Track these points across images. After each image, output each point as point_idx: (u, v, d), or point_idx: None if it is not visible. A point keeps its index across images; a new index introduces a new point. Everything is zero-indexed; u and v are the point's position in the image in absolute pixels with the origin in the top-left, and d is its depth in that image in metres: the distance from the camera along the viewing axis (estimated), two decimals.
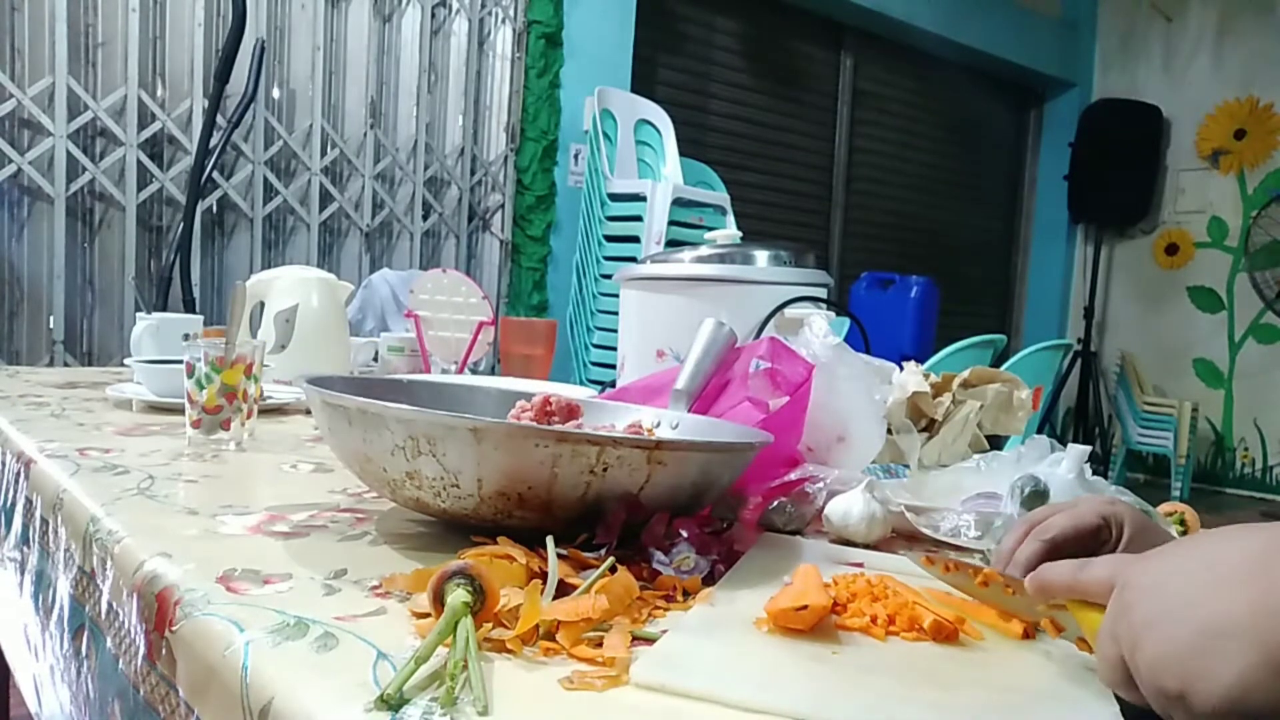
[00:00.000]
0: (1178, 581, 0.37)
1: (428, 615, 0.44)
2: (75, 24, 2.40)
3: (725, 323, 0.86)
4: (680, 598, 0.52)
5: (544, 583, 0.48)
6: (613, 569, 0.49)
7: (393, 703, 0.36)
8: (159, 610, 0.49)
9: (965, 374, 1.00)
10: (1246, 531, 0.37)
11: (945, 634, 0.48)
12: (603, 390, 1.13)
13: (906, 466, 0.88)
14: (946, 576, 0.53)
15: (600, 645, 0.43)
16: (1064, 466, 0.72)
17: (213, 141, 2.43)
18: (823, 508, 0.69)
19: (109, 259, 2.53)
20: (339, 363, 1.51)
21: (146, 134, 2.50)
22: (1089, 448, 0.73)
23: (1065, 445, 0.73)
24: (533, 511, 0.55)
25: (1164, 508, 0.74)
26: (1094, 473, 0.73)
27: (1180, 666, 0.35)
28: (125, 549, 0.57)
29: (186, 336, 1.43)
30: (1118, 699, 0.41)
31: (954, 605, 0.51)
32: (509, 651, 0.43)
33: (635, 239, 2.70)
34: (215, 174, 2.58)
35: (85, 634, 0.63)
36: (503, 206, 3.21)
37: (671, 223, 2.67)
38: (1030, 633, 0.49)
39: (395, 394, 0.69)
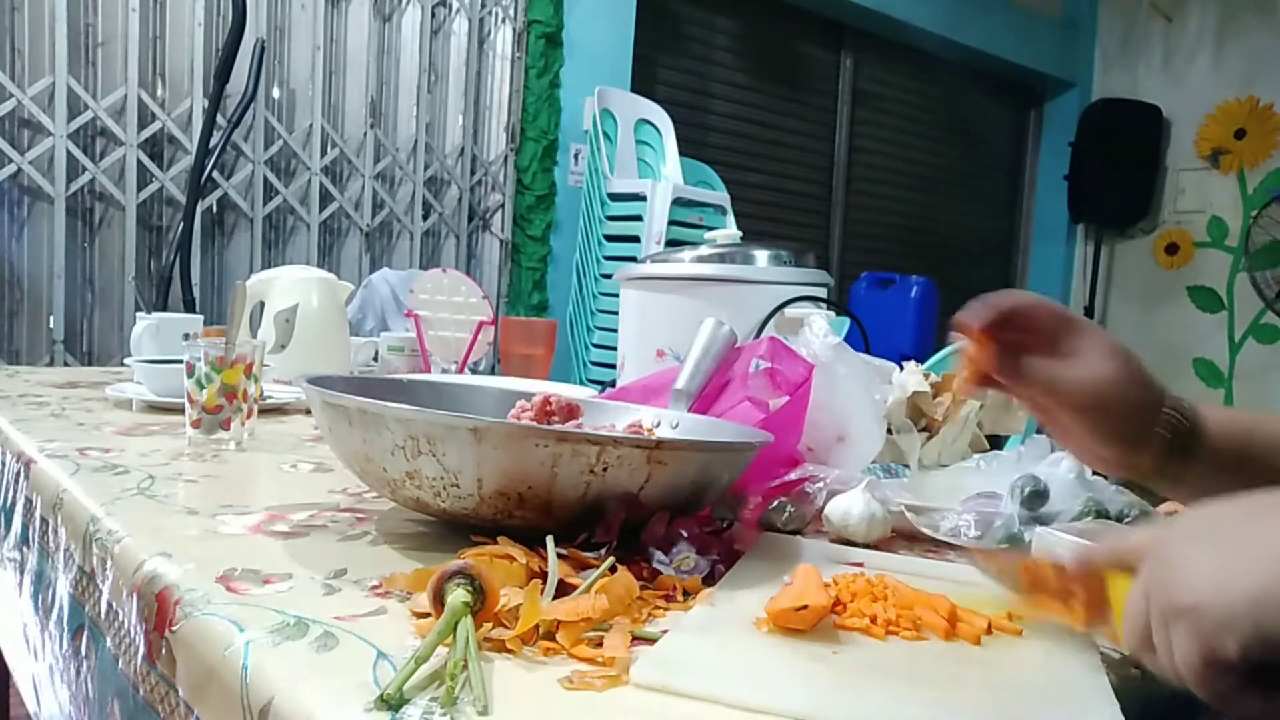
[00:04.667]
0: (1211, 520, 0.38)
1: (428, 615, 0.44)
2: (75, 24, 2.40)
3: (725, 323, 0.86)
4: (680, 598, 0.52)
5: (544, 583, 0.48)
6: (613, 569, 0.49)
7: (393, 703, 0.36)
8: (159, 610, 0.49)
9: None
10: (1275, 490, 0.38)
11: (945, 634, 0.48)
12: (603, 390, 1.13)
13: (906, 466, 0.88)
14: (997, 574, 0.52)
15: (600, 645, 0.43)
16: (1064, 466, 0.72)
17: (213, 141, 2.43)
18: (823, 508, 0.69)
19: (109, 259, 2.53)
20: (339, 363, 1.51)
21: (146, 134, 2.50)
22: None
23: None
24: (533, 511, 0.55)
25: (1164, 508, 0.74)
26: (1094, 473, 0.73)
27: (1199, 577, 0.36)
28: (125, 549, 0.57)
29: (186, 336, 1.43)
30: (1119, 702, 0.41)
31: (952, 606, 0.51)
32: (509, 651, 0.43)
33: (635, 239, 2.69)
34: (215, 174, 2.58)
35: (85, 634, 0.63)
36: (503, 206, 3.20)
37: (671, 222, 2.66)
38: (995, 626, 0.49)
39: (395, 394, 0.69)
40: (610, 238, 2.78)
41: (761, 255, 1.22)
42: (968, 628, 0.48)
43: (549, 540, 0.52)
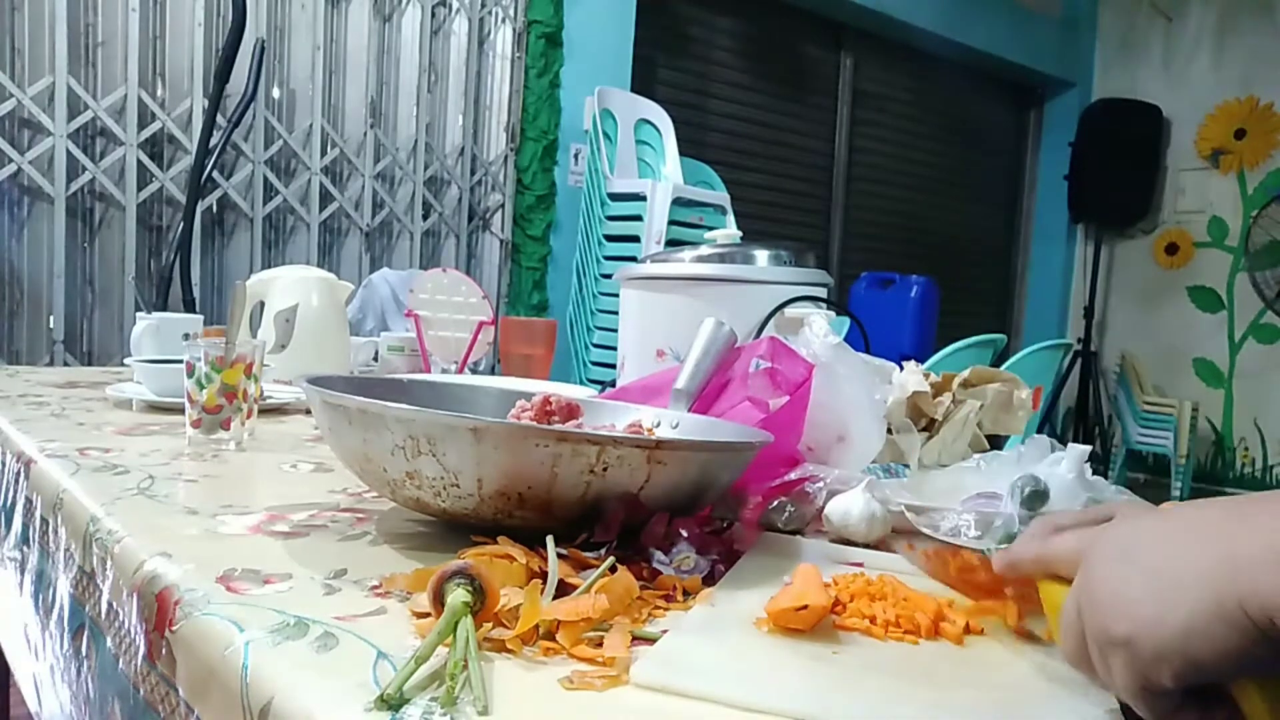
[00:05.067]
0: (1140, 539, 0.38)
1: (428, 615, 0.44)
2: (75, 24, 2.40)
3: (725, 323, 0.86)
4: (680, 598, 0.52)
5: (544, 583, 0.48)
6: (613, 569, 0.49)
7: (393, 703, 0.36)
8: (159, 610, 0.49)
9: (965, 374, 0.99)
10: (1212, 501, 0.38)
11: (945, 634, 0.48)
12: (603, 390, 1.13)
13: (906, 466, 0.88)
14: (922, 563, 0.53)
15: (600, 645, 0.43)
16: (1064, 466, 0.72)
17: (213, 141, 2.43)
18: (823, 508, 0.69)
19: (109, 259, 2.53)
20: (339, 363, 1.51)
21: (146, 134, 2.50)
22: (1089, 447, 0.73)
23: (1065, 445, 0.73)
24: (533, 511, 0.55)
25: (1164, 507, 0.74)
26: (1094, 472, 0.73)
27: (1130, 608, 0.35)
28: (125, 549, 0.57)
29: (186, 336, 1.43)
30: (1119, 702, 0.41)
31: (938, 605, 0.51)
32: (509, 651, 0.43)
33: (635, 239, 2.69)
34: (215, 174, 2.58)
35: (85, 634, 0.63)
36: (503, 206, 3.21)
37: (671, 222, 2.66)
38: (972, 627, 0.49)
39: (395, 394, 0.69)
40: (610, 238, 2.78)
41: (761, 255, 1.22)
42: (950, 628, 0.49)
43: (549, 540, 0.52)
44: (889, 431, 0.88)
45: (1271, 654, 0.33)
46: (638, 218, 2.70)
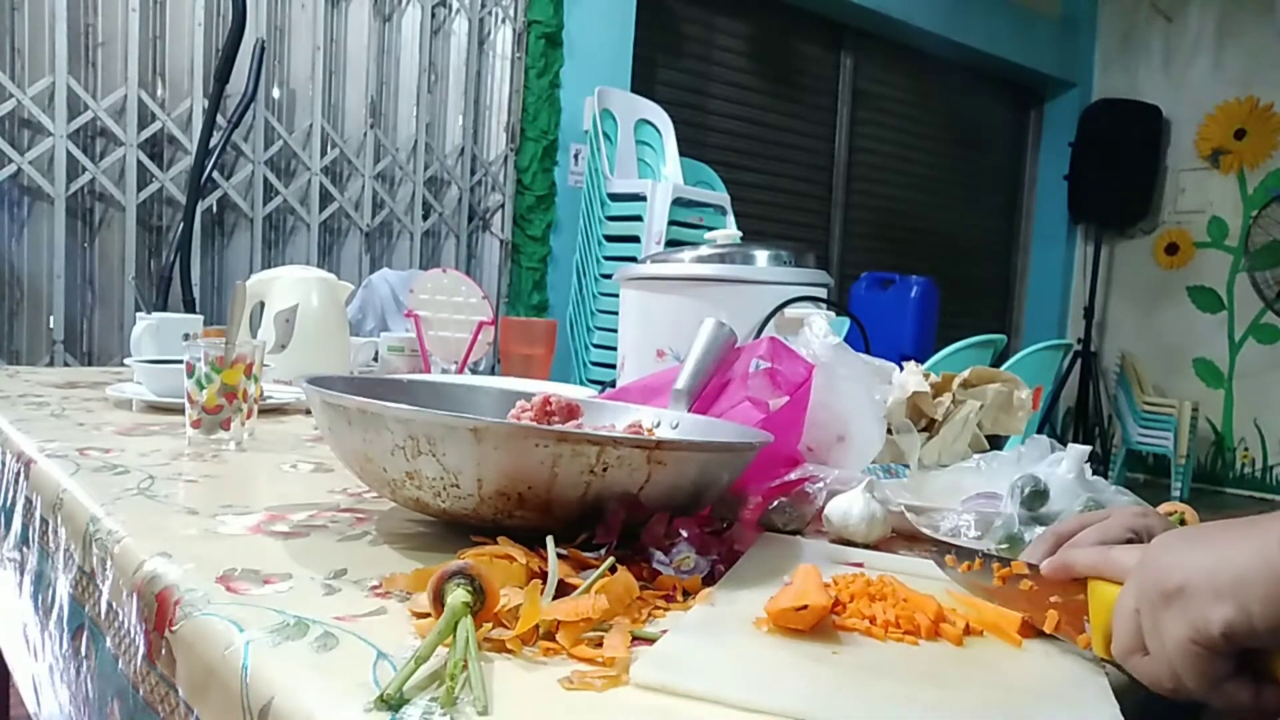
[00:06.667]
0: (1198, 530, 0.41)
1: (428, 615, 0.44)
2: (75, 24, 2.40)
3: (725, 323, 0.86)
4: (680, 598, 0.52)
5: (544, 583, 0.48)
6: (613, 569, 0.49)
7: (393, 703, 0.36)
8: (159, 610, 0.49)
9: (965, 374, 0.99)
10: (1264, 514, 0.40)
11: (945, 634, 0.48)
12: (603, 390, 1.13)
13: (906, 466, 0.88)
14: (965, 577, 0.53)
15: (600, 645, 0.43)
16: (1064, 466, 0.72)
17: (213, 141, 2.43)
18: (823, 508, 0.69)
19: (109, 259, 2.53)
20: (339, 363, 1.51)
21: (146, 134, 2.50)
22: (1089, 448, 0.73)
23: (1065, 445, 0.73)
24: (533, 511, 0.55)
25: (1164, 507, 0.74)
26: (1094, 473, 0.73)
27: (1187, 565, 0.38)
28: (125, 549, 0.57)
29: (186, 336, 1.43)
30: (1119, 702, 0.41)
31: (939, 606, 0.51)
32: (509, 651, 0.43)
33: (635, 239, 2.70)
34: (215, 174, 2.58)
35: (85, 634, 0.63)
36: (503, 206, 3.21)
37: (671, 223, 2.66)
38: (1028, 631, 0.49)
39: (395, 394, 0.69)
40: (610, 238, 2.78)
41: (761, 255, 1.22)
42: (950, 628, 0.48)
43: (549, 540, 0.52)
44: (889, 431, 0.88)
45: None
46: (638, 218, 2.70)
